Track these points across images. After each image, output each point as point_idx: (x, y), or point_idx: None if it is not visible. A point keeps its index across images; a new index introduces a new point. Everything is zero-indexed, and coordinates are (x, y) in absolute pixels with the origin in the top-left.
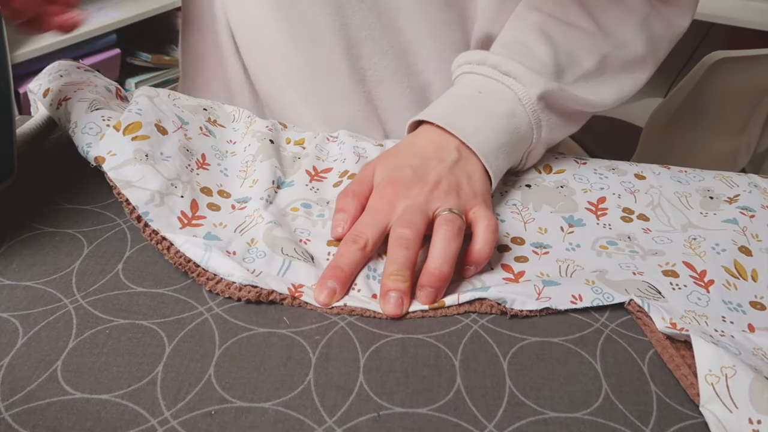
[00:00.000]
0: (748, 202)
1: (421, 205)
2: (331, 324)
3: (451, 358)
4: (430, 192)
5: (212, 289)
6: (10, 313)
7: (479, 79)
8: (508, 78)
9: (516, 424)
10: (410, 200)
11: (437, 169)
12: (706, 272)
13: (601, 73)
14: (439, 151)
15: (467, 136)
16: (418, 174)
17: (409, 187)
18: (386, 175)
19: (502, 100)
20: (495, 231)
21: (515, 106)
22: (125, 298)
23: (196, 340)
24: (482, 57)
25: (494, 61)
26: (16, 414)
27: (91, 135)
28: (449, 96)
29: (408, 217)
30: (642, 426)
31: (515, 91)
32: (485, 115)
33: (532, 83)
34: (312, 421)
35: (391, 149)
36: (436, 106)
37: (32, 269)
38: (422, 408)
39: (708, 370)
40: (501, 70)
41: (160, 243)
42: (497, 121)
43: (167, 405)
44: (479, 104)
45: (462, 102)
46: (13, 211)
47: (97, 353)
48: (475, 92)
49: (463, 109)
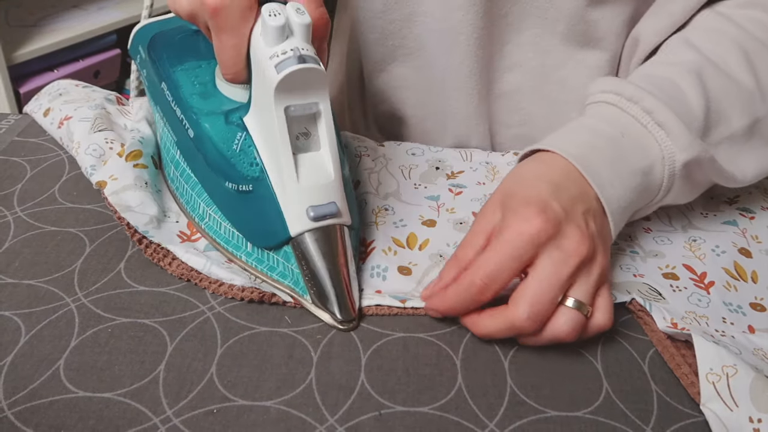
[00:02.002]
0: (748, 203)
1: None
2: None
3: (452, 357)
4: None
5: (215, 291)
6: (12, 311)
7: (624, 119)
8: (660, 130)
9: (517, 422)
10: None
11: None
12: (706, 274)
13: (749, 138)
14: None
15: (602, 186)
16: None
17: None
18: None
19: (645, 154)
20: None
21: (655, 164)
22: (127, 296)
23: (198, 338)
24: (634, 93)
25: (649, 106)
26: (19, 412)
27: (95, 157)
28: (587, 130)
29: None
30: (643, 425)
31: (662, 149)
32: (623, 167)
33: (686, 147)
34: (314, 420)
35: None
36: (569, 138)
37: (34, 268)
38: (423, 407)
39: (709, 369)
40: (655, 119)
41: (162, 260)
42: (632, 178)
43: (169, 403)
44: (619, 151)
45: (601, 143)
46: (15, 210)
47: (99, 352)
48: (617, 134)
49: (602, 152)
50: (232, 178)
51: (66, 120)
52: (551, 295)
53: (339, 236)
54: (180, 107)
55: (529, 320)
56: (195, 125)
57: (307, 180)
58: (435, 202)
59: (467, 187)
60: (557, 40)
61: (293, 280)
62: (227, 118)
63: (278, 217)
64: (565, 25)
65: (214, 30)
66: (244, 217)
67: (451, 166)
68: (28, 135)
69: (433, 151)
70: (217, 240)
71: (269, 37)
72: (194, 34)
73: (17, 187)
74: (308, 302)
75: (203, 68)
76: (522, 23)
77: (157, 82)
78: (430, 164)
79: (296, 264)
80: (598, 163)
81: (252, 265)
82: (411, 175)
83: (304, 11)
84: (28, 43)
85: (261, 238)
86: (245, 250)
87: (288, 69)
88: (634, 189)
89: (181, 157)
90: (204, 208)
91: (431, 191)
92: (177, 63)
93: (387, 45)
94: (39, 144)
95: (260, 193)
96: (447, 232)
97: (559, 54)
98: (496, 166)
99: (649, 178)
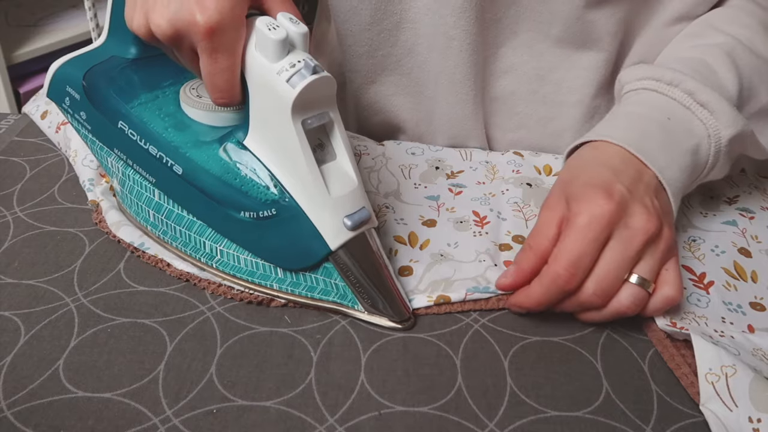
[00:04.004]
0: (748, 204)
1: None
2: (332, 323)
3: (452, 357)
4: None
5: (214, 291)
6: (12, 311)
7: (667, 102)
8: (703, 110)
9: (517, 422)
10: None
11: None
12: (705, 275)
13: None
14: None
15: (661, 169)
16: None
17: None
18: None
19: (691, 134)
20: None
21: (702, 141)
22: (127, 296)
23: (198, 338)
24: (673, 77)
25: (690, 87)
26: (18, 412)
27: (92, 169)
28: (634, 117)
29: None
30: (642, 425)
31: (707, 127)
32: (674, 148)
33: (730, 123)
34: (313, 420)
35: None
36: (619, 125)
37: (34, 268)
38: (423, 407)
39: (708, 369)
40: (697, 99)
41: (160, 263)
42: (683, 157)
43: (169, 403)
44: (669, 134)
45: (651, 128)
46: (15, 210)
47: (98, 352)
48: (663, 118)
49: (653, 137)
50: (248, 206)
51: (63, 125)
52: (618, 272)
53: (371, 239)
54: (155, 145)
55: (594, 295)
56: (183, 160)
57: (336, 191)
58: (435, 201)
59: (467, 187)
60: (552, 42)
61: (339, 294)
62: (222, 146)
63: (313, 234)
64: (560, 28)
65: (206, 52)
66: (271, 244)
67: (451, 165)
68: (28, 135)
69: (433, 151)
70: (238, 275)
71: (271, 51)
72: (131, 64)
73: (17, 187)
74: (361, 312)
75: (161, 99)
76: (516, 27)
77: (109, 123)
78: (429, 164)
79: (340, 277)
80: (652, 147)
81: (287, 291)
82: (411, 175)
83: (298, 21)
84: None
85: (295, 260)
86: (276, 277)
87: (305, 81)
88: (686, 169)
89: (164, 199)
90: (211, 245)
91: (431, 191)
92: (130, 98)
93: (376, 56)
94: (38, 144)
95: (286, 215)
96: (447, 232)
97: (554, 56)
98: (495, 165)
99: (697, 156)
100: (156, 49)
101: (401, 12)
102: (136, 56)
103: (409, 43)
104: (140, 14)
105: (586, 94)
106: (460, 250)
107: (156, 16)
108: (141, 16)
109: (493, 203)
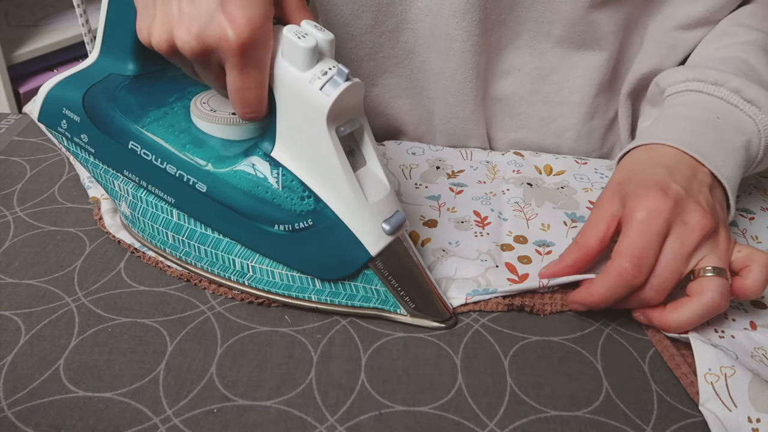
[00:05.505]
0: (748, 204)
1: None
2: (332, 322)
3: (452, 357)
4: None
5: (215, 291)
6: (12, 311)
7: (714, 102)
8: (751, 106)
9: (517, 422)
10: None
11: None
12: None
13: None
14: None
15: (718, 167)
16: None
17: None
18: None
19: (742, 130)
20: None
21: (753, 137)
22: (127, 296)
23: (198, 338)
24: (718, 77)
25: (736, 85)
26: (19, 412)
27: None
28: (684, 118)
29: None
30: (642, 424)
31: (757, 122)
32: (728, 146)
33: None
34: (314, 419)
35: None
36: (670, 127)
37: (34, 268)
38: (424, 406)
39: (707, 369)
40: (744, 97)
41: (160, 263)
42: (737, 153)
43: (169, 403)
44: (720, 132)
45: (702, 128)
46: (15, 210)
47: (99, 351)
48: (713, 117)
49: (706, 136)
50: (282, 219)
51: None
52: (674, 267)
53: (406, 242)
54: (173, 164)
55: (652, 290)
56: (206, 177)
57: (372, 196)
58: (436, 201)
59: (468, 186)
60: (554, 42)
61: (381, 300)
62: (248, 159)
63: (352, 242)
64: (563, 28)
65: (236, 68)
66: (308, 256)
67: (452, 165)
68: (28, 135)
69: (433, 151)
70: (273, 291)
71: (301, 60)
72: (132, 81)
73: (17, 187)
74: (404, 315)
75: (171, 115)
76: (518, 28)
77: (117, 144)
78: (430, 164)
79: (381, 283)
80: (706, 147)
81: (326, 301)
82: (411, 175)
83: (322, 27)
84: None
85: (335, 270)
86: (314, 289)
87: (340, 88)
88: (740, 165)
89: (184, 219)
90: (242, 263)
91: (432, 191)
92: (139, 117)
93: (377, 58)
94: (39, 144)
95: (323, 225)
96: (448, 232)
97: (556, 56)
98: (496, 165)
99: (749, 152)
100: (157, 63)
101: (402, 13)
102: (135, 73)
103: (409, 44)
104: (161, 28)
105: (587, 93)
106: (462, 249)
107: (182, 32)
108: (162, 31)
109: (494, 203)
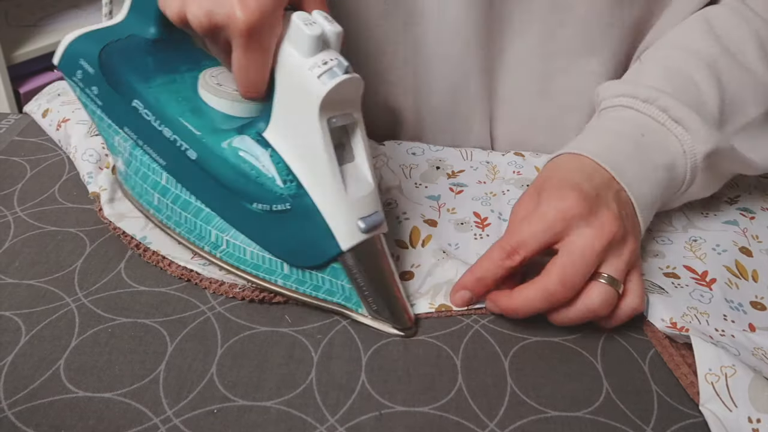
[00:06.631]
0: (749, 204)
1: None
2: (333, 323)
3: (452, 358)
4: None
5: (215, 291)
6: (12, 311)
7: (642, 119)
8: (678, 127)
9: (517, 422)
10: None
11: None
12: (707, 273)
13: (766, 125)
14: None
15: (629, 184)
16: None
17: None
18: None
19: (666, 150)
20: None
21: (677, 158)
22: (127, 296)
23: (199, 338)
24: (648, 94)
25: (664, 104)
26: (19, 412)
27: (92, 163)
28: (609, 132)
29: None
30: (643, 425)
31: (682, 144)
32: (647, 164)
33: (705, 139)
34: (314, 420)
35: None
36: (593, 140)
37: (34, 268)
38: (424, 407)
39: (708, 369)
40: (672, 116)
41: (161, 261)
42: (657, 174)
43: (169, 403)
44: (642, 150)
45: (624, 144)
46: (15, 210)
47: (99, 352)
48: (638, 134)
49: (626, 153)
50: (261, 198)
51: (64, 122)
52: (582, 265)
53: (380, 245)
54: (170, 127)
55: (560, 284)
56: (198, 146)
57: (353, 192)
58: (436, 201)
59: (468, 186)
60: (561, 45)
61: (344, 296)
62: (240, 136)
63: (325, 233)
64: (571, 31)
65: (241, 48)
66: (281, 238)
67: (452, 165)
68: (28, 135)
69: (433, 150)
70: (242, 267)
71: (305, 47)
72: (151, 44)
73: (17, 187)
74: (364, 316)
75: (178, 83)
76: (525, 27)
77: (122, 100)
78: (430, 164)
79: (347, 279)
80: (624, 163)
81: (291, 288)
82: (411, 175)
83: (333, 20)
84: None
85: (304, 257)
86: (281, 273)
87: (336, 79)
88: (659, 184)
89: (172, 183)
90: (217, 235)
91: (432, 191)
92: (147, 78)
93: (387, 52)
94: (39, 144)
95: (301, 210)
96: (448, 233)
97: (563, 59)
98: (496, 165)
99: (673, 172)
100: (178, 32)
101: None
102: (156, 37)
103: (417, 39)
104: (176, 0)
105: (592, 96)
106: (461, 252)
107: (194, 6)
108: (177, 2)
109: (494, 203)
